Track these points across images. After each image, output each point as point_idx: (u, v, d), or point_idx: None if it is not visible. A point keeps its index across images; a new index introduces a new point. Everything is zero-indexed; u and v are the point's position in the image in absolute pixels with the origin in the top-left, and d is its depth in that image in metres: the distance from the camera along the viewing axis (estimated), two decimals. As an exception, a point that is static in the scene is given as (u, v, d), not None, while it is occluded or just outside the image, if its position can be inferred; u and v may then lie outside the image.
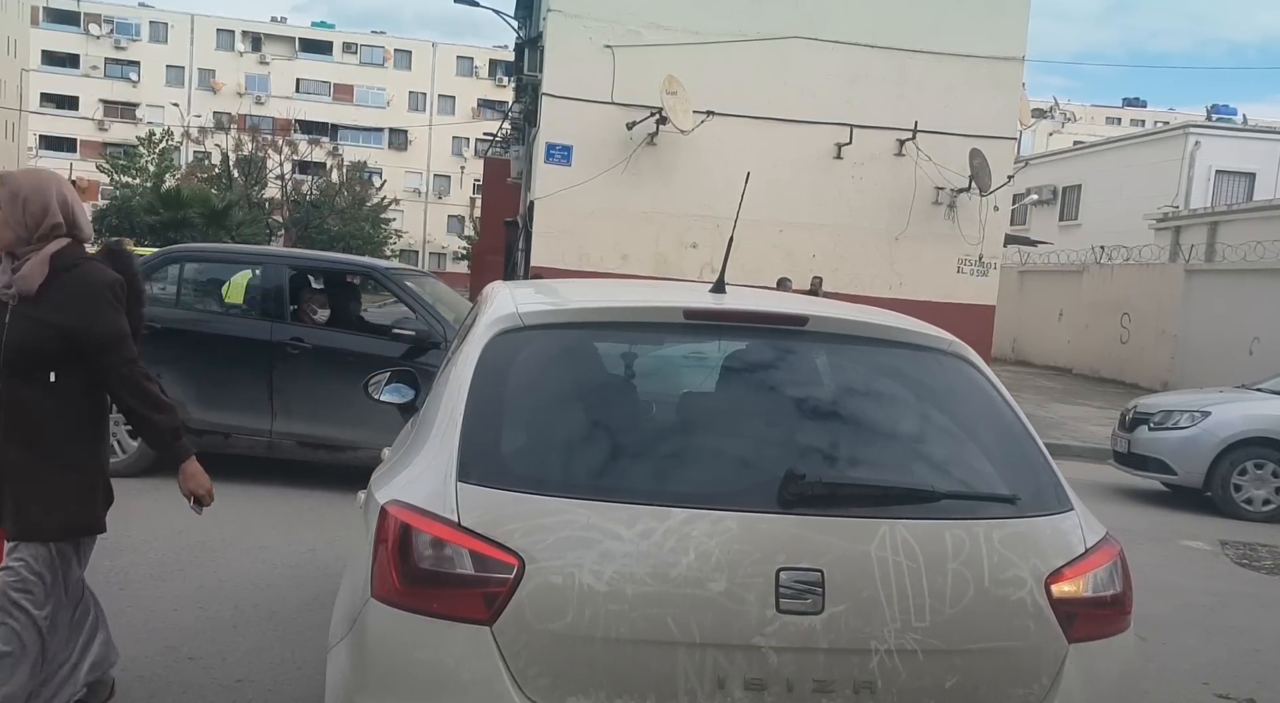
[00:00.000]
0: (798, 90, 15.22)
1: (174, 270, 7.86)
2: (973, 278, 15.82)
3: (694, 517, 2.18)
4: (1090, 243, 25.36)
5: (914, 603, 2.20)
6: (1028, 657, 2.27)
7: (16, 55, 58.49)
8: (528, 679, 2.11)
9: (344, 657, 2.35)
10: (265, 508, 6.52)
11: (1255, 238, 18.66)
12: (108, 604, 4.52)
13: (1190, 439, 9.24)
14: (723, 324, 2.60)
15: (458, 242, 63.44)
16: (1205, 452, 9.15)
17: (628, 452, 2.42)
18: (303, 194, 50.61)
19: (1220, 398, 10.08)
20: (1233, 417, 9.40)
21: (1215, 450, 9.14)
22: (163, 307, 7.35)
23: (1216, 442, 9.17)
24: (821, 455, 2.42)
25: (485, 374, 2.41)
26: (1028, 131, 24.97)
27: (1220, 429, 9.25)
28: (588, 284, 3.68)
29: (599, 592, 2.12)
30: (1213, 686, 4.65)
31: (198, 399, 7.09)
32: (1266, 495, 9.11)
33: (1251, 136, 28.06)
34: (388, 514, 2.26)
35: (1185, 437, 9.27)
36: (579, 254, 14.94)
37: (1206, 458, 9.14)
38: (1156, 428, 9.55)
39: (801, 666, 2.15)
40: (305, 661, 4.01)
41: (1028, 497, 2.41)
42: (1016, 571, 2.27)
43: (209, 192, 39.38)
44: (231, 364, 7.27)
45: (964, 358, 2.67)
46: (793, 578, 2.15)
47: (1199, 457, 9.15)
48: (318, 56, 68.93)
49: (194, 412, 6.98)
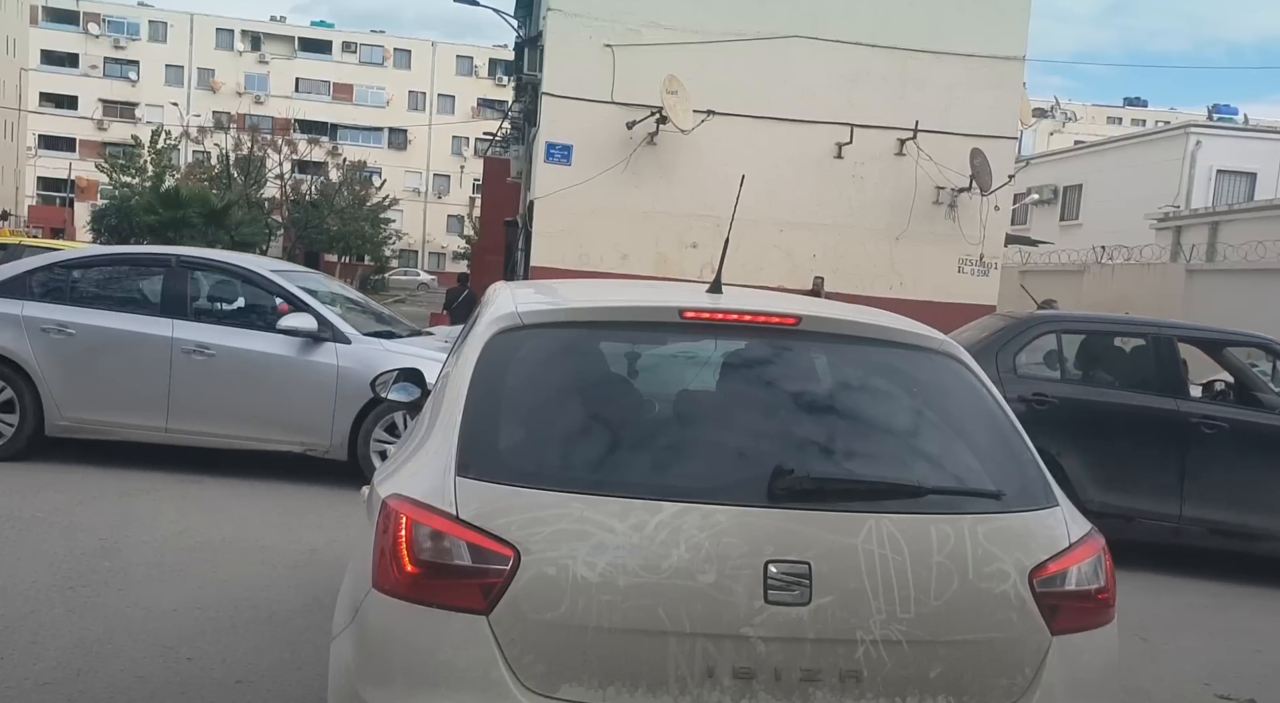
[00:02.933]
0: (798, 90, 15.21)
1: (1049, 341, 7.39)
2: (973, 278, 15.80)
3: (685, 510, 2.25)
4: (1091, 243, 25.34)
5: (899, 595, 2.26)
6: (1011, 648, 2.33)
7: (15, 55, 58.46)
8: (523, 668, 2.18)
9: (346, 646, 2.42)
10: (265, 508, 6.51)
11: (1256, 238, 18.65)
12: (107, 604, 4.52)
13: None
14: (718, 324, 2.62)
15: (457, 241, 63.43)
16: None
17: (622, 448, 2.48)
18: (302, 194, 50.59)
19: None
20: None
21: None
22: (1048, 380, 7.05)
23: None
24: (811, 451, 2.49)
25: (485, 372, 2.48)
26: (1028, 131, 24.97)
27: None
28: (587, 284, 3.74)
29: (592, 583, 2.19)
30: (1214, 686, 4.64)
31: (1098, 480, 6.61)
32: None
33: (1252, 136, 28.07)
34: (389, 507, 2.34)
35: None
36: (579, 254, 14.93)
37: None
38: None
39: (789, 655, 2.21)
40: (305, 661, 4.00)
41: (1013, 492, 2.48)
42: (1000, 564, 2.33)
43: (208, 191, 39.34)
44: (1135, 442, 6.73)
45: (955, 357, 2.73)
46: (781, 570, 2.22)
47: None
48: (317, 56, 68.94)
49: (1094, 493, 6.53)
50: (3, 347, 7.13)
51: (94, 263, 7.92)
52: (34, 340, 7.13)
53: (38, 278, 7.44)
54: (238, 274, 7.76)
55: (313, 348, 7.06)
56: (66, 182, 58.12)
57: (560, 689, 2.18)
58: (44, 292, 7.37)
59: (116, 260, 8.23)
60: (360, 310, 8.25)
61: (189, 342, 7.09)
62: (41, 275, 7.48)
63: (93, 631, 4.18)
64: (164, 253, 8.13)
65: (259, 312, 7.60)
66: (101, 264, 7.95)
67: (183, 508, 6.31)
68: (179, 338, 7.12)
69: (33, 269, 7.55)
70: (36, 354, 7.11)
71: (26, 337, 7.14)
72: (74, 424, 7.18)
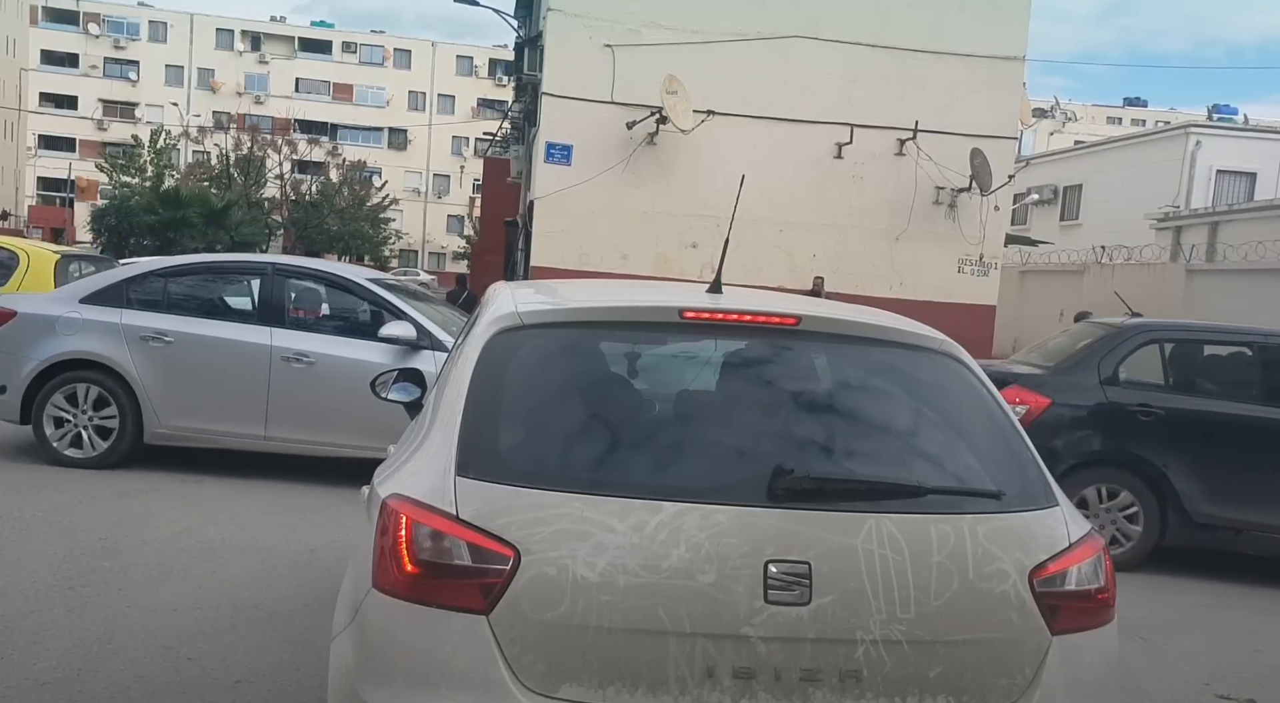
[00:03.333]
0: (798, 90, 15.22)
1: (1151, 351, 7.16)
2: (973, 278, 15.82)
3: (685, 510, 2.25)
4: (1091, 243, 25.34)
5: (899, 595, 2.26)
6: (1011, 648, 2.33)
7: (15, 55, 58.49)
8: (523, 668, 2.18)
9: (346, 646, 2.42)
10: (265, 508, 6.51)
11: (1256, 238, 18.65)
12: (107, 604, 4.52)
13: None
14: (718, 324, 2.63)
15: (457, 241, 63.44)
16: None
17: (622, 448, 2.49)
18: (302, 194, 50.61)
19: None
20: None
21: None
22: (1156, 390, 6.90)
23: None
24: (811, 451, 2.49)
25: (485, 372, 2.48)
26: (1028, 131, 24.99)
27: None
28: (587, 284, 3.73)
29: (592, 583, 2.19)
30: (1214, 686, 4.64)
31: (1206, 492, 6.58)
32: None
33: (1252, 136, 28.07)
34: (389, 507, 2.34)
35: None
36: (579, 254, 14.94)
37: None
38: None
39: (789, 655, 2.22)
40: (305, 661, 4.00)
41: (1013, 492, 2.48)
42: (1000, 564, 2.33)
43: (208, 191, 39.34)
44: (1243, 453, 6.66)
45: (955, 357, 2.73)
46: (781, 570, 2.22)
47: None
48: (317, 56, 68.95)
49: (1201, 506, 6.55)
50: (103, 355, 7.13)
51: (189, 271, 7.94)
52: (133, 349, 7.13)
53: (134, 287, 7.44)
54: (334, 283, 7.77)
55: (411, 356, 7.00)
56: (66, 182, 58.13)
57: (560, 689, 2.18)
58: (141, 300, 7.37)
59: (212, 269, 8.28)
60: (444, 317, 8.30)
61: (288, 350, 7.08)
62: (138, 284, 7.48)
63: (93, 631, 4.18)
64: (260, 261, 8.18)
65: (356, 320, 7.62)
66: (197, 272, 7.98)
67: (183, 508, 6.31)
68: (278, 346, 7.11)
69: (129, 278, 7.55)
70: (135, 362, 7.11)
71: (126, 345, 7.14)
72: (172, 432, 7.18)
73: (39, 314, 7.33)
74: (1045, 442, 6.66)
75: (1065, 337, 8.08)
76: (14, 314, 7.34)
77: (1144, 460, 6.64)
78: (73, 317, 7.24)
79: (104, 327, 7.18)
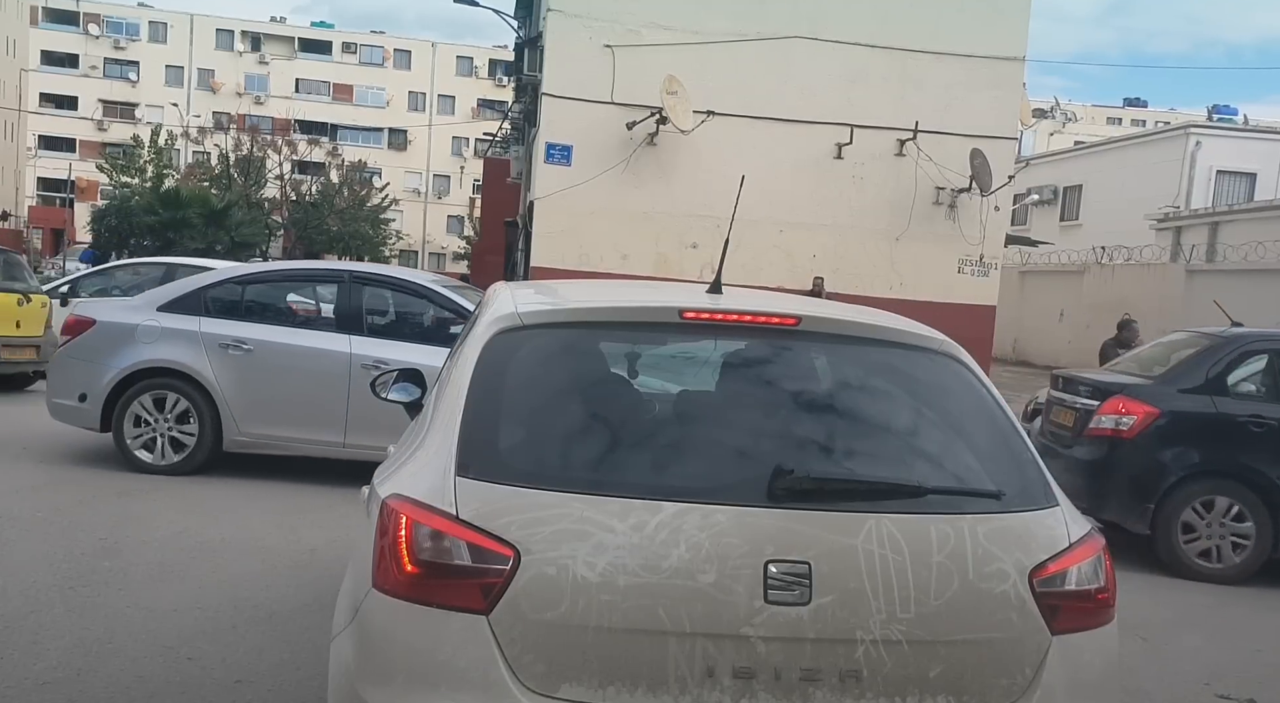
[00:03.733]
0: (798, 90, 15.22)
1: (1259, 360, 7.06)
2: (974, 278, 15.81)
3: (685, 510, 2.25)
4: (1091, 243, 25.36)
5: (899, 595, 2.26)
6: (1011, 648, 2.33)
7: (15, 55, 58.48)
8: (523, 668, 2.18)
9: (346, 646, 2.42)
10: (265, 508, 6.51)
11: (1256, 238, 18.68)
12: (107, 604, 4.52)
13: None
14: (718, 324, 2.63)
15: (457, 242, 63.41)
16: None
17: (622, 448, 2.48)
18: (302, 194, 50.60)
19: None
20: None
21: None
22: (1266, 401, 6.84)
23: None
24: (811, 451, 2.49)
25: (485, 372, 2.48)
26: (1028, 131, 24.98)
27: None
28: (587, 285, 3.74)
29: (592, 583, 2.18)
30: (1214, 686, 4.64)
31: None
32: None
33: (1252, 137, 28.10)
34: (389, 507, 2.34)
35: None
36: (579, 254, 14.94)
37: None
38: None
39: (789, 655, 2.21)
40: (305, 661, 4.00)
41: (1013, 492, 2.48)
42: (1000, 564, 2.33)
43: (208, 192, 39.37)
44: None
45: (955, 357, 2.72)
46: (781, 570, 2.22)
47: None
48: (317, 56, 68.93)
49: None
50: (182, 363, 7.14)
51: (267, 279, 7.98)
52: (212, 356, 7.14)
53: (212, 294, 7.48)
54: (410, 290, 7.78)
55: None
56: (66, 182, 58.09)
57: (560, 689, 2.18)
58: (219, 308, 7.40)
59: (289, 277, 8.33)
60: None
61: (368, 357, 7.03)
62: (216, 292, 7.52)
63: (93, 631, 4.18)
64: (336, 268, 8.20)
65: (431, 326, 7.62)
66: (274, 280, 8.02)
67: (183, 508, 6.31)
68: (357, 353, 7.09)
69: (207, 285, 7.58)
70: (215, 370, 7.11)
71: (205, 353, 7.14)
72: (251, 440, 7.18)
73: (118, 322, 7.33)
74: (1153, 453, 6.64)
75: (1160, 346, 8.02)
76: (93, 322, 7.36)
77: (1256, 472, 6.57)
78: (152, 325, 7.24)
79: (183, 335, 7.18)
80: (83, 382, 7.21)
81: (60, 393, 7.38)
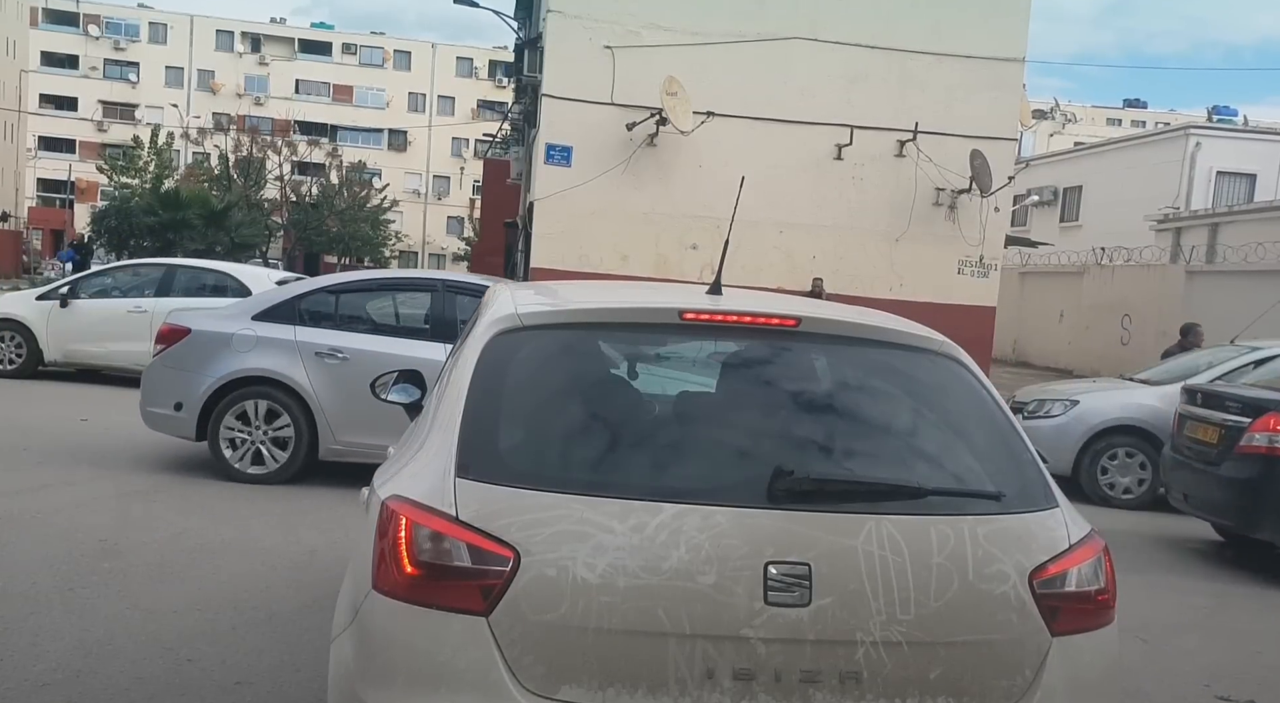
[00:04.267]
0: (798, 91, 15.22)
1: None
2: (973, 279, 15.80)
3: (685, 512, 2.25)
4: (1091, 244, 25.34)
5: (899, 596, 2.26)
6: (1011, 649, 2.33)
7: (15, 56, 58.42)
8: (523, 669, 2.18)
9: (346, 647, 2.43)
10: (265, 509, 6.51)
11: (1256, 239, 18.67)
12: (107, 606, 4.52)
13: (1060, 427, 9.23)
14: (718, 325, 2.63)
15: (457, 243, 63.41)
16: (1073, 440, 9.17)
17: (622, 449, 2.48)
18: (302, 195, 50.61)
19: (1093, 387, 10.20)
20: (1100, 405, 9.49)
21: (1083, 438, 9.19)
22: None
23: (1084, 429, 9.23)
24: (811, 452, 2.49)
25: (484, 373, 2.48)
26: (1028, 133, 25.00)
27: (1088, 417, 9.33)
28: (587, 286, 3.74)
29: (592, 584, 2.19)
30: (1214, 687, 4.64)
31: None
32: (1130, 483, 9.19)
33: (1252, 138, 28.10)
34: (388, 509, 2.34)
35: (1055, 425, 9.26)
36: (579, 255, 14.93)
37: (1074, 446, 9.16)
38: (1030, 416, 9.55)
39: (789, 657, 2.21)
40: (304, 663, 4.00)
41: (1013, 494, 2.48)
42: (1000, 565, 2.33)
43: (208, 193, 39.37)
44: None
45: (954, 358, 2.73)
46: (781, 571, 2.22)
47: (1067, 444, 9.13)
48: (317, 57, 68.93)
49: None
50: (279, 372, 7.16)
51: (359, 288, 8.00)
52: (308, 365, 7.16)
53: (306, 303, 7.51)
54: None
55: None
56: (66, 183, 58.09)
57: (560, 691, 2.18)
58: (313, 317, 7.43)
59: (381, 285, 8.31)
60: None
61: None
62: (310, 301, 7.55)
63: (93, 632, 4.18)
64: (429, 277, 8.20)
65: None
66: (367, 289, 8.02)
67: (183, 509, 6.31)
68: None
69: (301, 294, 7.61)
70: (311, 378, 7.13)
71: (301, 362, 7.16)
72: (346, 448, 7.18)
73: (213, 331, 7.33)
74: None
75: None
76: (188, 332, 7.35)
77: None
78: (247, 334, 7.25)
79: (279, 344, 7.20)
80: (178, 391, 7.21)
81: (155, 402, 7.34)
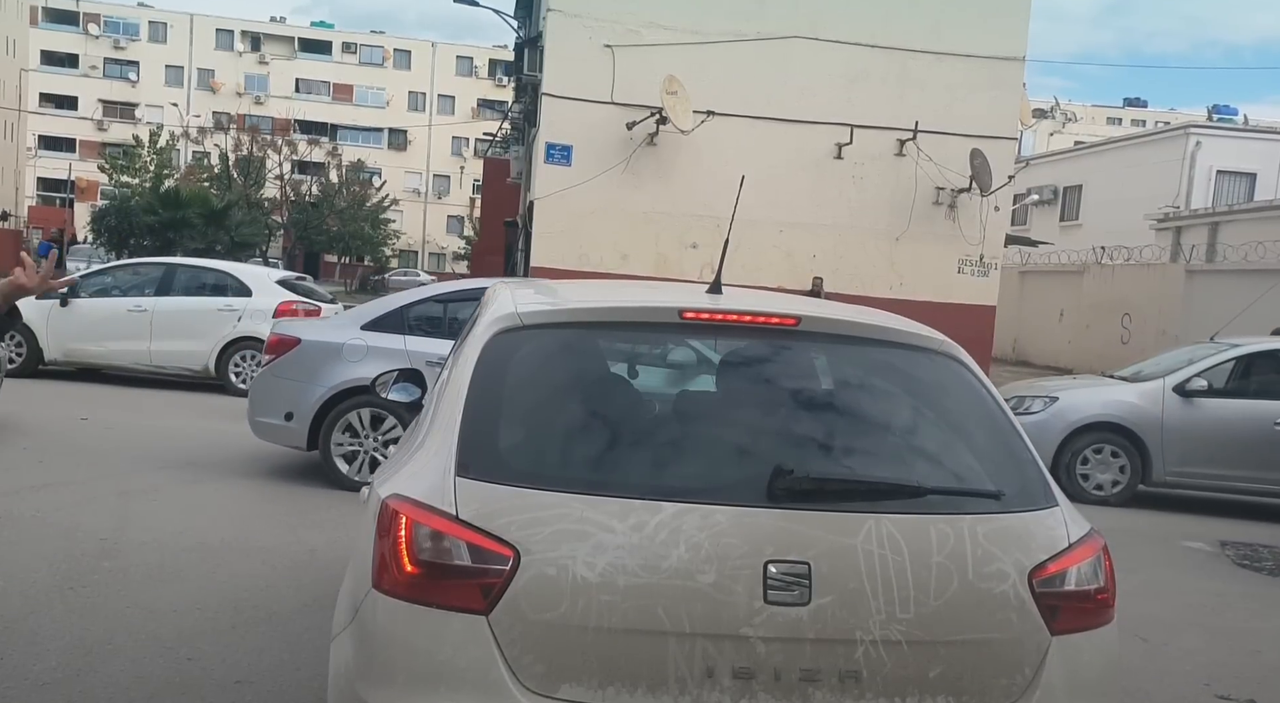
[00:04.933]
0: (798, 90, 15.22)
1: None
2: (973, 278, 15.80)
3: (685, 511, 2.25)
4: (1091, 243, 25.36)
5: (899, 595, 2.26)
6: (1010, 648, 2.33)
7: (15, 55, 58.41)
8: (523, 668, 2.18)
9: (346, 646, 2.43)
10: (265, 508, 6.51)
11: (1256, 238, 18.68)
12: (107, 605, 4.52)
13: (1039, 424, 9.21)
14: (718, 324, 2.63)
15: (457, 242, 63.44)
16: (1052, 436, 9.18)
17: (622, 448, 2.49)
18: (302, 194, 50.60)
19: (1073, 384, 10.24)
20: (1079, 402, 9.53)
21: (1062, 435, 9.22)
22: None
23: (1063, 426, 9.27)
24: (810, 451, 2.49)
25: (484, 372, 2.48)
26: (1028, 132, 24.99)
27: (1068, 414, 9.38)
28: (587, 285, 3.73)
29: (592, 583, 2.19)
30: (1213, 687, 4.64)
31: None
32: (1109, 479, 9.23)
33: (1252, 137, 28.10)
34: (388, 508, 2.34)
35: (1034, 421, 9.24)
36: (579, 254, 14.93)
37: (1054, 442, 9.17)
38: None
39: (788, 655, 2.22)
40: (304, 662, 4.00)
41: (1013, 493, 2.48)
42: (1000, 564, 2.33)
43: (208, 192, 39.35)
44: None
45: (954, 357, 2.73)
46: (780, 570, 2.22)
47: (1047, 441, 9.12)
48: (317, 56, 68.95)
49: None
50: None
51: (466, 297, 7.91)
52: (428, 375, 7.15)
53: (414, 312, 7.55)
54: None
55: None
56: (66, 182, 58.11)
57: (560, 690, 2.18)
58: (421, 326, 7.47)
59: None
60: None
61: None
62: (418, 310, 7.59)
63: (93, 631, 4.18)
64: None
65: None
66: (474, 298, 7.98)
67: (182, 508, 6.31)
68: None
69: (409, 304, 7.65)
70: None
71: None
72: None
73: (324, 341, 7.35)
74: None
75: None
76: (298, 341, 7.36)
77: None
78: (357, 343, 7.25)
79: (390, 353, 7.16)
80: (289, 400, 7.20)
81: (264, 412, 7.34)
